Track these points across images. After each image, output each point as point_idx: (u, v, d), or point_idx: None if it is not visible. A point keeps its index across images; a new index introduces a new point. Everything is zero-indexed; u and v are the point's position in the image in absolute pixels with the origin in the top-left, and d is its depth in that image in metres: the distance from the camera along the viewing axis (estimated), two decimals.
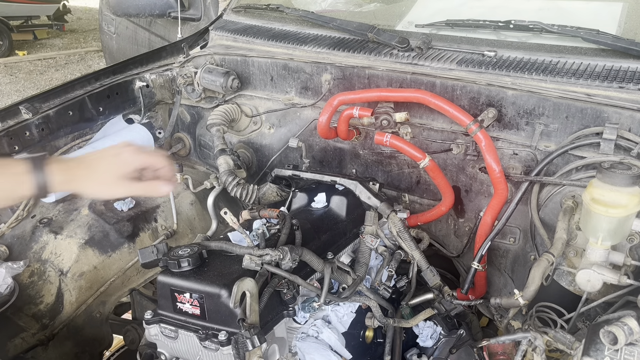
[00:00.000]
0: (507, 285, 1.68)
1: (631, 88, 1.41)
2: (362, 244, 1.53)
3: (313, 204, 1.61)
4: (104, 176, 1.10)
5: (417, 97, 1.58)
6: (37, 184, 1.04)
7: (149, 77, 2.09)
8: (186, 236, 1.99)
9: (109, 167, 1.10)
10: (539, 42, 1.63)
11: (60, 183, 1.07)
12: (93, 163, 1.11)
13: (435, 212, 1.69)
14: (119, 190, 1.13)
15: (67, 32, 11.32)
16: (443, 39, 1.74)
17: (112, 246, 1.80)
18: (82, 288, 1.73)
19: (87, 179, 1.09)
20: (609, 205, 1.20)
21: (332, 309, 1.43)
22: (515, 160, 1.56)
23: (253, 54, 1.96)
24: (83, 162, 1.11)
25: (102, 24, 4.76)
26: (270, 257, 1.24)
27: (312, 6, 2.26)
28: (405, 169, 1.77)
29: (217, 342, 1.17)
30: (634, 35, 1.56)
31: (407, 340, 1.58)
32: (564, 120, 1.48)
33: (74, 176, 1.09)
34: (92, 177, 1.09)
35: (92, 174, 1.09)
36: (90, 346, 1.78)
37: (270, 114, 1.97)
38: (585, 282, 1.26)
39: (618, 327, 1.00)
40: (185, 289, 1.22)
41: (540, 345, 1.27)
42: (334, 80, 1.81)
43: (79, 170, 1.09)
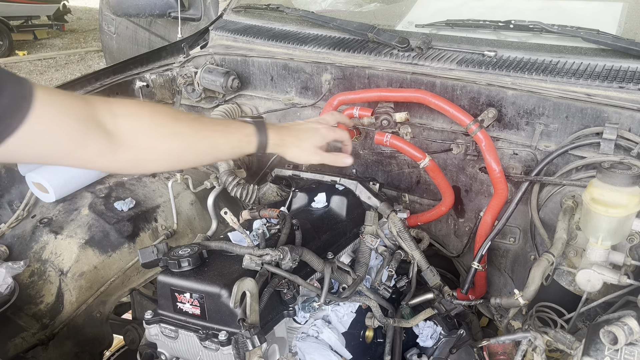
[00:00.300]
0: (507, 285, 1.68)
1: (631, 88, 1.41)
2: (362, 243, 1.53)
3: (313, 204, 1.61)
4: (306, 144, 1.34)
5: (417, 97, 1.58)
6: (259, 144, 1.25)
7: (149, 77, 2.09)
8: (186, 236, 1.99)
9: (311, 138, 1.35)
10: (539, 42, 1.63)
11: (273, 145, 1.28)
12: (299, 133, 1.34)
13: (435, 212, 1.69)
14: (315, 157, 1.37)
15: (67, 32, 11.32)
16: (443, 39, 1.74)
17: (112, 246, 1.81)
18: (82, 288, 1.73)
19: (293, 145, 1.32)
20: (609, 205, 1.20)
21: (332, 308, 1.43)
22: (515, 160, 1.56)
23: (253, 54, 1.96)
24: (291, 130, 1.34)
25: (102, 24, 4.76)
26: (270, 257, 1.24)
27: (312, 6, 2.26)
28: (405, 169, 1.77)
29: (217, 342, 1.17)
30: (634, 35, 1.56)
31: (407, 340, 1.58)
32: (564, 120, 1.48)
33: (283, 141, 1.30)
34: (297, 144, 1.33)
35: (297, 142, 1.33)
36: (90, 346, 1.78)
37: (271, 113, 1.97)
38: (585, 282, 1.26)
39: (618, 327, 1.01)
40: (185, 288, 1.22)
41: (540, 345, 1.27)
42: (334, 80, 1.81)
43: (288, 137, 1.31)
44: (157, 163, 1.17)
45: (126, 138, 1.06)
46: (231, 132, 1.23)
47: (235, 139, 1.23)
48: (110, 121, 1.03)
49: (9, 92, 0.86)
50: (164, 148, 1.12)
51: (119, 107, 1.07)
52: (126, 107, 1.10)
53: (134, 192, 1.95)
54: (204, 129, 1.18)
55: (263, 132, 1.26)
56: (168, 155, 1.15)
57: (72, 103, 0.99)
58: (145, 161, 1.14)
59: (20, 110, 0.87)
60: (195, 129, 1.16)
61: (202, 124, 1.19)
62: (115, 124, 1.04)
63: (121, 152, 1.06)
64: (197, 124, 1.18)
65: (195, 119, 1.21)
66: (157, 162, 1.17)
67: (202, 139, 1.17)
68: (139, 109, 1.12)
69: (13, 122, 0.87)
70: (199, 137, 1.16)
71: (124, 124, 1.05)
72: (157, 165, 1.21)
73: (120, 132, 1.05)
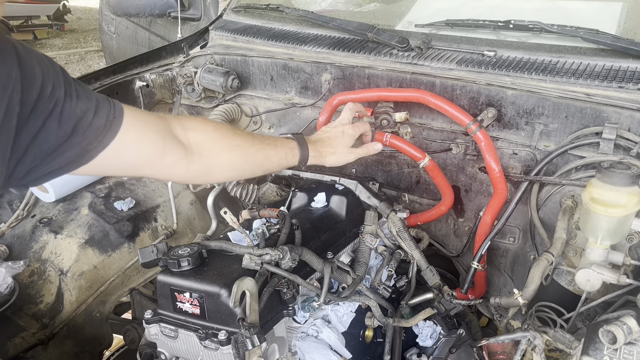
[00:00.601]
0: (506, 284, 1.68)
1: (630, 88, 1.42)
2: (362, 243, 1.54)
3: (313, 203, 1.61)
4: (340, 149, 1.47)
5: (417, 96, 1.58)
6: (301, 157, 1.39)
7: (149, 77, 2.09)
8: (186, 236, 1.99)
9: (342, 142, 1.48)
10: (539, 42, 1.63)
11: (313, 157, 1.42)
12: (331, 142, 1.47)
13: (435, 212, 1.69)
14: (350, 157, 1.51)
15: (67, 32, 11.31)
16: (443, 39, 1.74)
17: (112, 246, 1.81)
18: (82, 287, 1.73)
19: (329, 154, 1.45)
20: (609, 205, 1.20)
21: (332, 308, 1.43)
22: (514, 160, 1.56)
23: (253, 54, 1.96)
24: (324, 141, 1.46)
25: (102, 24, 4.76)
26: (270, 257, 1.24)
27: (312, 6, 2.26)
28: (405, 169, 1.77)
29: (217, 342, 1.17)
30: (634, 35, 1.56)
31: (407, 339, 1.58)
32: (563, 120, 1.48)
33: (321, 153, 1.44)
34: (332, 152, 1.46)
35: (332, 149, 1.46)
36: (90, 346, 1.78)
37: (270, 113, 1.97)
38: (585, 281, 1.26)
39: (617, 327, 1.01)
40: (185, 288, 1.22)
41: (539, 344, 1.27)
42: (334, 80, 1.81)
43: (324, 148, 1.45)
44: (223, 172, 1.30)
45: (197, 149, 1.20)
46: (279, 146, 1.35)
47: (283, 152, 1.35)
48: (182, 134, 1.17)
49: (104, 113, 1.00)
50: (227, 158, 1.26)
51: (187, 122, 1.22)
52: (193, 122, 1.26)
53: (133, 192, 1.96)
54: (258, 142, 1.32)
55: (304, 146, 1.39)
56: (231, 165, 1.27)
57: (152, 118, 1.14)
58: (214, 170, 1.26)
59: (112, 127, 1.01)
60: (251, 142, 1.30)
61: (255, 138, 1.34)
62: (187, 137, 1.18)
63: (194, 162, 1.19)
64: (252, 137, 1.33)
65: (249, 134, 1.38)
66: (222, 172, 1.30)
67: (258, 151, 1.30)
68: (204, 124, 1.28)
69: (106, 138, 1.00)
70: (254, 149, 1.30)
71: (193, 136, 1.20)
72: (223, 175, 1.34)
73: (192, 143, 1.19)
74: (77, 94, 0.96)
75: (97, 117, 0.98)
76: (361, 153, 1.53)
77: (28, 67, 0.88)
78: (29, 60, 0.89)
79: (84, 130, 0.96)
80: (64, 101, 0.93)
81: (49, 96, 0.91)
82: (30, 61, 0.89)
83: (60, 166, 0.98)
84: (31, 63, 0.89)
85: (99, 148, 0.99)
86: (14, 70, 0.85)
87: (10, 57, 0.86)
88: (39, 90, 0.89)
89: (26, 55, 0.89)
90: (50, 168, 0.97)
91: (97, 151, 0.99)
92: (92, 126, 0.97)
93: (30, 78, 0.88)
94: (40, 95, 0.90)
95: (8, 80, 0.84)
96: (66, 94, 0.94)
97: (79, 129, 0.96)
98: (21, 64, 0.87)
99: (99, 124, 0.98)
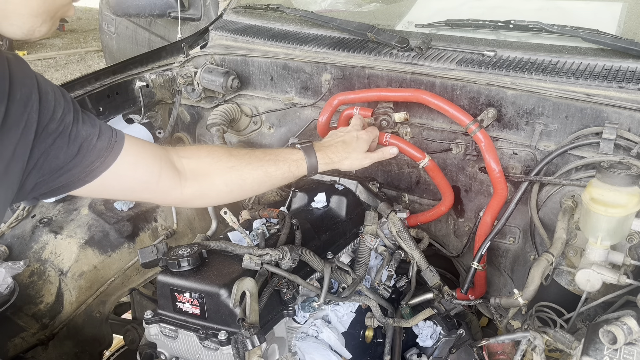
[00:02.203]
0: (506, 285, 1.68)
1: (630, 88, 1.42)
2: (362, 243, 1.53)
3: (313, 203, 1.61)
4: (354, 155, 1.46)
5: (417, 97, 1.58)
6: (309, 167, 1.39)
7: (149, 77, 2.09)
8: (186, 236, 1.99)
9: (357, 147, 1.47)
10: (539, 42, 1.63)
11: (324, 165, 1.41)
12: (345, 147, 1.45)
13: (435, 212, 1.69)
14: (366, 161, 1.49)
15: (67, 32, 11.31)
16: (443, 39, 1.74)
17: (112, 246, 1.81)
18: (82, 288, 1.73)
19: (343, 159, 1.44)
20: (609, 205, 1.20)
21: (332, 308, 1.43)
22: (514, 160, 1.56)
23: (253, 54, 1.96)
24: (337, 147, 1.45)
25: (102, 24, 4.76)
26: (270, 257, 1.24)
27: (312, 6, 2.26)
28: (405, 169, 1.77)
29: (217, 342, 1.17)
30: (634, 35, 1.56)
31: (407, 340, 1.58)
32: (563, 120, 1.48)
33: (332, 160, 1.43)
34: (347, 157, 1.45)
35: (346, 155, 1.45)
36: (90, 346, 1.78)
37: (270, 113, 1.97)
38: (585, 281, 1.26)
39: (617, 327, 1.01)
40: (185, 288, 1.22)
41: (539, 344, 1.27)
42: (334, 80, 1.81)
43: (336, 154, 1.44)
44: (219, 195, 1.33)
45: (190, 174, 1.27)
46: (280, 160, 1.36)
47: (285, 166, 1.36)
48: (177, 161, 1.26)
49: (107, 137, 1.11)
50: (223, 180, 1.30)
51: (182, 151, 1.30)
52: (188, 150, 1.34)
53: None
54: (256, 160, 1.34)
55: (312, 155, 1.39)
56: (227, 187, 1.31)
57: (149, 145, 1.23)
58: (209, 194, 1.32)
59: (114, 150, 1.11)
60: (247, 161, 1.32)
61: (253, 156, 1.35)
62: (181, 164, 1.26)
63: (188, 186, 1.26)
64: (249, 156, 1.35)
65: (247, 153, 1.37)
66: (219, 194, 1.33)
67: (255, 169, 1.32)
68: (198, 151, 1.35)
69: (108, 159, 1.10)
70: (251, 168, 1.32)
71: (188, 163, 1.27)
72: (220, 197, 1.36)
73: (186, 169, 1.26)
74: (83, 120, 1.09)
75: (100, 140, 1.09)
76: (376, 157, 1.52)
77: (44, 93, 1.02)
78: (45, 87, 1.03)
79: (88, 150, 1.08)
80: (72, 124, 1.05)
81: (59, 119, 1.03)
82: (46, 88, 1.03)
83: (66, 183, 1.08)
84: (46, 89, 1.03)
85: (102, 168, 1.10)
86: (34, 93, 0.99)
87: (31, 82, 1.00)
88: (51, 113, 1.02)
89: (43, 83, 1.04)
90: (57, 184, 1.07)
91: (100, 171, 1.10)
92: (96, 147, 1.08)
93: (45, 102, 1.01)
94: (52, 117, 1.02)
95: (29, 100, 0.98)
96: (74, 118, 1.06)
97: (84, 149, 1.07)
98: (40, 89, 1.01)
99: (102, 146, 1.09)
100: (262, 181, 1.34)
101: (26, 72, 1.00)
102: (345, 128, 1.54)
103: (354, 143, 1.46)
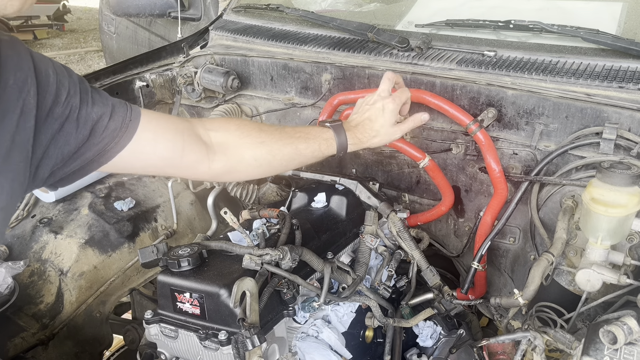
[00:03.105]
0: (507, 285, 1.68)
1: (631, 88, 1.41)
2: (362, 243, 1.53)
3: (313, 203, 1.61)
4: (383, 130, 1.39)
5: (417, 96, 1.58)
6: (339, 146, 1.36)
7: (149, 77, 2.09)
8: (186, 236, 1.99)
9: (384, 122, 1.39)
10: (539, 42, 1.63)
11: (352, 145, 1.38)
12: (372, 124, 1.39)
13: (435, 212, 1.69)
14: (397, 134, 1.43)
15: (67, 32, 11.32)
16: (443, 39, 1.74)
17: (112, 246, 1.81)
18: (82, 288, 1.73)
19: (372, 137, 1.39)
20: (609, 205, 1.20)
21: (332, 308, 1.43)
22: (515, 160, 1.56)
23: (253, 54, 1.96)
24: (365, 126, 1.39)
25: (102, 24, 4.76)
26: (270, 257, 1.24)
27: (312, 6, 2.26)
28: (405, 169, 1.77)
29: (217, 342, 1.17)
30: (634, 35, 1.56)
31: (407, 340, 1.58)
32: (563, 120, 1.48)
33: (361, 139, 1.38)
34: (375, 135, 1.39)
35: (374, 133, 1.39)
36: (90, 346, 1.78)
37: (270, 113, 1.97)
38: (585, 281, 1.26)
39: (617, 327, 1.01)
40: (185, 288, 1.22)
41: (540, 344, 1.27)
42: (334, 80, 1.81)
43: (364, 133, 1.39)
44: (248, 169, 1.30)
45: (219, 148, 1.22)
46: (311, 138, 1.33)
47: (316, 144, 1.33)
48: (204, 134, 1.21)
49: (120, 117, 1.06)
50: (252, 155, 1.26)
51: (209, 123, 1.25)
52: (216, 123, 1.28)
53: (134, 192, 1.96)
54: (286, 137, 1.31)
55: (342, 134, 1.36)
56: (257, 162, 1.27)
57: (171, 120, 1.19)
58: (238, 168, 1.28)
59: (128, 129, 1.07)
60: (278, 137, 1.29)
61: (284, 132, 1.33)
62: (209, 137, 1.22)
63: (217, 160, 1.22)
64: (279, 132, 1.32)
65: (277, 129, 1.34)
66: (248, 169, 1.29)
67: (285, 145, 1.30)
68: (227, 123, 1.30)
69: (123, 139, 1.06)
70: (281, 144, 1.29)
71: (216, 136, 1.23)
72: (249, 172, 1.33)
73: (214, 142, 1.22)
74: (94, 100, 1.03)
75: (113, 120, 1.04)
76: (407, 128, 1.45)
77: (43, 75, 0.96)
78: (46, 69, 0.97)
79: (100, 132, 1.03)
80: (80, 107, 1.00)
81: (64, 102, 0.98)
82: (47, 70, 0.97)
83: (82, 166, 1.04)
84: (47, 72, 0.97)
85: (117, 149, 1.06)
86: (30, 77, 0.93)
87: (27, 65, 0.94)
88: (54, 96, 0.96)
89: (43, 64, 0.97)
90: (73, 168, 1.03)
91: (115, 152, 1.06)
92: (109, 128, 1.04)
93: (45, 85, 0.95)
94: (56, 100, 0.97)
95: (24, 84, 0.92)
96: (82, 100, 1.01)
97: (96, 132, 1.02)
98: (38, 72, 0.95)
99: (115, 126, 1.05)
100: (292, 158, 1.32)
101: (22, 55, 0.94)
102: (372, 96, 1.45)
103: (381, 117, 1.40)
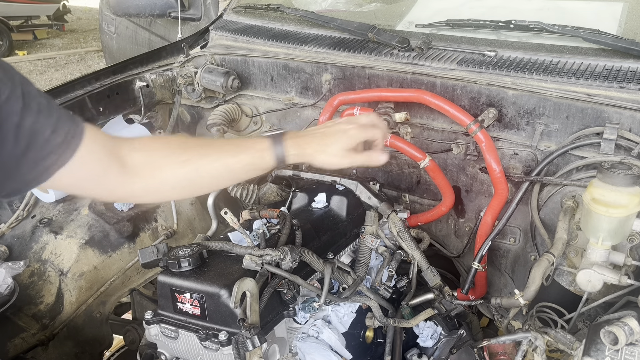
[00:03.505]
0: (507, 285, 1.68)
1: (631, 88, 1.41)
2: (363, 244, 1.53)
3: (313, 204, 1.61)
4: (332, 149, 1.23)
5: (417, 97, 1.58)
6: (276, 157, 1.20)
7: (149, 77, 2.09)
8: (186, 236, 1.99)
9: (338, 142, 1.24)
10: (540, 42, 1.63)
11: (293, 156, 1.22)
12: (324, 138, 1.25)
13: (435, 212, 1.69)
14: (345, 161, 1.26)
15: (67, 32, 11.32)
16: (443, 39, 1.74)
17: (112, 246, 1.80)
18: (82, 288, 1.73)
19: (317, 153, 1.24)
20: (610, 206, 1.20)
21: (333, 309, 1.43)
22: (515, 160, 1.56)
23: (253, 54, 1.96)
24: (314, 137, 1.25)
25: (102, 24, 4.76)
26: (270, 257, 1.23)
27: (312, 6, 2.26)
28: (406, 169, 1.77)
29: (217, 342, 1.17)
30: (635, 35, 1.56)
31: (408, 340, 1.58)
32: (564, 120, 1.48)
33: (304, 150, 1.23)
34: (322, 150, 1.24)
35: (322, 147, 1.24)
36: (90, 346, 1.78)
37: (271, 114, 1.97)
38: (586, 282, 1.26)
39: (619, 327, 1.00)
40: (185, 289, 1.22)
41: (540, 345, 1.27)
42: (334, 80, 1.81)
43: (310, 145, 1.24)
44: (172, 191, 1.22)
45: (140, 170, 1.14)
46: (242, 151, 1.21)
47: (247, 157, 1.20)
48: (127, 155, 1.12)
49: (63, 132, 0.96)
50: (174, 175, 1.17)
51: (137, 143, 1.17)
52: (142, 142, 1.19)
53: None
54: (212, 152, 1.19)
55: (279, 144, 1.21)
56: (180, 183, 1.18)
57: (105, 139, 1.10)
58: (161, 190, 1.19)
59: (70, 147, 0.97)
60: (203, 153, 1.18)
61: (211, 147, 1.21)
62: (131, 158, 1.13)
63: (137, 183, 1.13)
64: (206, 148, 1.20)
65: (204, 144, 1.24)
66: (172, 191, 1.21)
67: (211, 162, 1.18)
68: (151, 143, 1.21)
69: (63, 157, 0.97)
70: (207, 161, 1.18)
71: (137, 157, 1.14)
72: (173, 193, 1.26)
73: (135, 164, 1.13)
74: (39, 108, 0.93)
75: (56, 133, 0.95)
76: (359, 161, 1.29)
77: None
78: None
79: (40, 146, 0.94)
80: (19, 113, 0.90)
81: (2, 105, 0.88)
82: None
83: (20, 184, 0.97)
84: None
85: (55, 166, 0.97)
86: None
87: None
88: None
89: None
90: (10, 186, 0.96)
91: (53, 170, 0.97)
92: (49, 143, 0.94)
93: None
94: None
95: None
96: (25, 106, 0.91)
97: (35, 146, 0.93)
98: None
99: (57, 142, 0.95)
100: (220, 175, 1.20)
101: None
102: (341, 119, 1.35)
103: (335, 137, 1.25)
